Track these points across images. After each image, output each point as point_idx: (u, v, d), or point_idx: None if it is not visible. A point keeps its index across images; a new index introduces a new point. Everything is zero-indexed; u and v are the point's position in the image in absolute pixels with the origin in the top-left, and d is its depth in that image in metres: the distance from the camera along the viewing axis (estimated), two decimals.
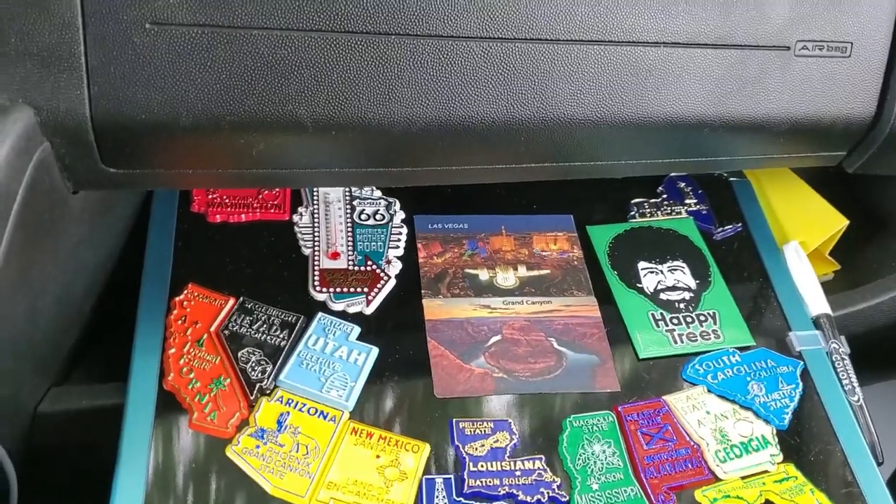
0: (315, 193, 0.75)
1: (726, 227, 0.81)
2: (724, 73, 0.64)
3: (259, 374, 0.63)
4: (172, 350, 0.63)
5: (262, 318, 0.66)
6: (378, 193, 0.76)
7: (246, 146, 0.58)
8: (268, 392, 0.62)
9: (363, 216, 0.74)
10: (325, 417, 0.62)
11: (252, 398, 0.62)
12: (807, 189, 0.87)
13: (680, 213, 0.81)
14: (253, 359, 0.64)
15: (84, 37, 0.51)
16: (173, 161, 0.58)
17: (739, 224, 0.81)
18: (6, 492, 0.55)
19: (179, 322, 0.65)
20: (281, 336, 0.65)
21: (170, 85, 0.53)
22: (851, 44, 0.67)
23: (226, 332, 0.65)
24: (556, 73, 0.60)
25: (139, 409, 0.60)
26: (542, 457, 0.62)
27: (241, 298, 0.67)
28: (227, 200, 0.72)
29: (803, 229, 0.83)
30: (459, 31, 0.57)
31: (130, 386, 0.61)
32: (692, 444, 0.65)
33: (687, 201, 0.82)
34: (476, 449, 0.62)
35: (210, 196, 0.72)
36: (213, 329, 0.65)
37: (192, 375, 0.62)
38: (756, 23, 0.63)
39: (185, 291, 0.66)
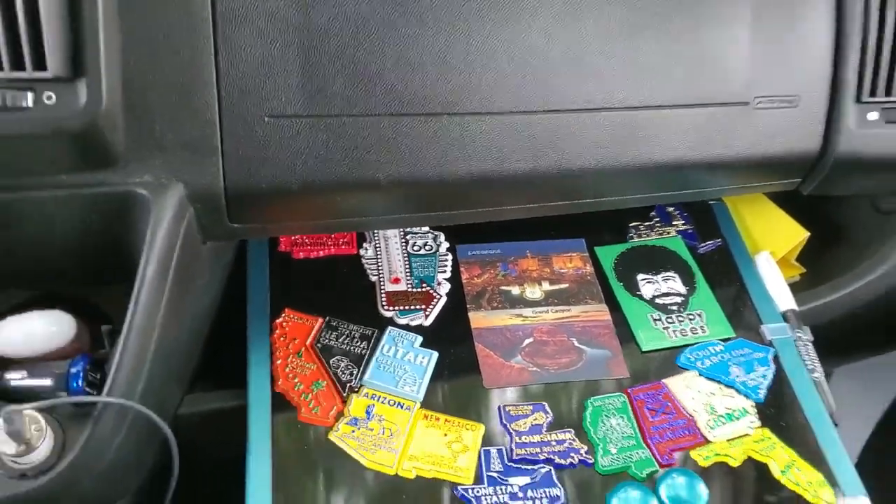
0: (376, 231, 0.91)
1: (708, 243, 0.96)
2: (699, 125, 0.81)
3: (348, 377, 0.80)
4: (279, 361, 0.79)
5: (346, 333, 0.83)
6: (426, 228, 0.92)
7: (335, 202, 0.75)
8: (356, 390, 0.79)
9: (415, 247, 0.90)
10: (401, 407, 0.78)
11: (344, 395, 0.78)
12: (773, 207, 1.02)
13: (670, 232, 0.96)
14: (342, 365, 0.80)
15: (220, 130, 0.69)
16: (282, 216, 0.75)
17: (719, 239, 0.96)
18: (168, 467, 0.72)
19: (281, 339, 0.81)
20: (362, 346, 0.82)
21: (282, 161, 0.70)
22: (798, 96, 0.84)
23: (318, 345, 0.81)
24: (568, 134, 0.77)
25: (259, 408, 0.76)
26: (572, 430, 0.79)
27: (327, 318, 0.83)
28: (306, 240, 0.89)
29: (771, 241, 0.98)
30: (494, 108, 0.75)
31: (250, 390, 0.77)
32: (687, 415, 0.81)
33: (675, 223, 0.97)
34: (520, 426, 0.78)
35: (293, 238, 0.88)
36: (308, 343, 0.81)
37: (296, 380, 0.78)
38: (721, 86, 0.80)
39: (283, 315, 0.83)
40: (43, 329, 0.69)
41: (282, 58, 0.69)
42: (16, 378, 0.67)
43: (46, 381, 0.66)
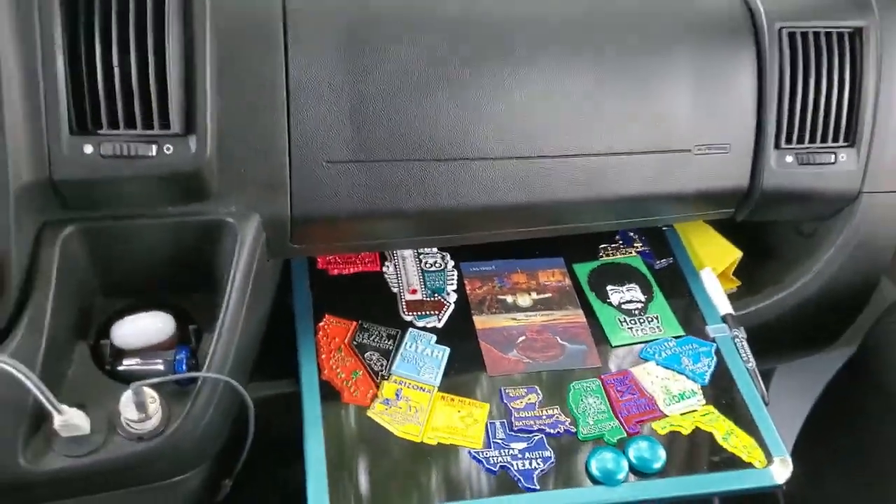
0: (395, 253, 1.08)
1: (662, 261, 1.11)
2: (652, 167, 0.99)
3: (379, 367, 0.95)
4: (323, 356, 0.94)
5: (376, 333, 0.98)
6: (436, 249, 1.07)
7: (373, 228, 0.94)
8: (386, 378, 0.93)
9: (427, 265, 1.07)
10: (423, 391, 0.94)
11: (377, 382, 0.93)
12: (714, 232, 1.16)
13: (631, 252, 1.11)
14: (374, 358, 0.96)
15: (290, 172, 0.88)
16: (331, 239, 0.94)
17: (671, 258, 1.11)
18: (242, 436, 0.89)
19: (324, 339, 0.96)
20: (389, 343, 0.97)
21: (335, 196, 0.89)
22: (730, 144, 1.03)
23: (354, 343, 0.97)
24: (552, 174, 0.96)
25: (310, 393, 0.91)
26: (558, 407, 0.93)
27: (360, 322, 0.98)
28: (339, 260, 1.06)
29: (713, 259, 1.12)
30: (495, 155, 0.93)
31: (302, 379, 0.92)
32: (648, 395, 0.96)
33: (635, 244, 1.12)
34: (517, 404, 0.94)
35: (328, 258, 1.05)
36: (346, 342, 0.97)
37: (338, 370, 0.93)
38: (668, 137, 0.99)
39: (324, 319, 0.97)
40: (151, 326, 0.87)
41: (337, 117, 0.88)
42: (133, 364, 0.85)
43: (158, 366, 0.85)
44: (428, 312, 1.02)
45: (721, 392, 0.98)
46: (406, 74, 0.89)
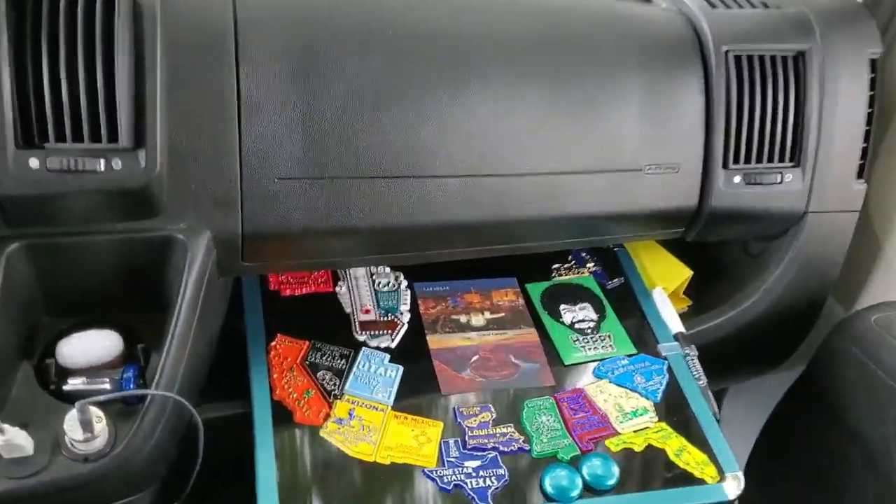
0: (347, 272, 1.08)
1: (614, 280, 1.13)
2: (603, 186, 1.01)
3: (332, 387, 0.95)
4: (275, 375, 0.94)
5: (328, 353, 0.98)
6: (389, 269, 1.08)
7: (325, 245, 0.93)
8: (339, 397, 0.94)
9: (380, 284, 1.07)
10: (376, 409, 0.94)
11: (330, 401, 0.93)
12: (664, 252, 1.19)
13: (584, 272, 1.13)
14: (327, 377, 0.96)
15: (241, 188, 0.87)
16: (283, 256, 0.93)
17: (622, 278, 1.13)
18: (190, 457, 0.87)
19: (276, 358, 0.96)
20: (341, 363, 0.97)
21: (286, 213, 0.88)
22: (679, 164, 1.05)
23: (307, 363, 0.97)
24: (504, 193, 0.97)
25: (262, 413, 0.90)
26: (511, 424, 0.94)
27: (312, 341, 0.98)
28: (291, 280, 1.05)
29: (664, 279, 1.14)
30: (448, 173, 0.94)
31: (254, 399, 0.91)
32: (601, 413, 0.97)
33: (588, 265, 1.14)
34: (471, 423, 0.94)
35: (279, 277, 1.05)
36: (298, 361, 0.97)
37: (290, 390, 0.93)
38: (619, 157, 1.01)
39: (276, 339, 0.97)
40: (98, 344, 0.85)
41: (289, 134, 0.87)
42: (78, 383, 0.83)
43: (105, 385, 0.83)
44: (381, 332, 1.02)
45: (673, 409, 1.00)
46: (358, 91, 0.89)
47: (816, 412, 1.12)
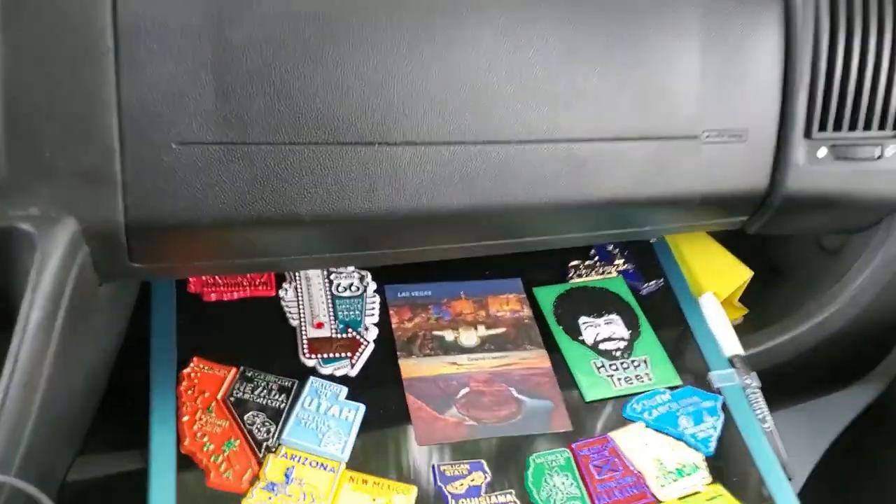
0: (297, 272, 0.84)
1: (650, 283, 0.92)
2: (645, 160, 0.76)
3: (265, 434, 0.72)
4: (186, 418, 0.71)
5: (262, 385, 0.75)
6: (351, 268, 0.85)
7: (254, 240, 0.68)
8: (273, 450, 0.71)
9: (340, 288, 0.84)
10: (325, 469, 0.71)
11: (260, 456, 0.70)
12: (716, 246, 0.99)
13: (611, 272, 0.92)
14: (258, 421, 0.72)
15: (121, 158, 0.61)
16: (191, 255, 0.68)
17: (661, 279, 0.92)
18: None
19: (189, 392, 0.73)
20: (280, 399, 0.74)
21: (192, 193, 0.63)
22: (747, 130, 0.80)
23: (231, 398, 0.73)
24: (508, 168, 0.71)
25: (162, 472, 0.68)
26: (513, 490, 0.72)
27: (242, 368, 0.75)
28: (219, 281, 0.81)
29: (715, 281, 0.94)
30: (428, 138, 0.68)
31: (152, 452, 0.69)
32: (636, 472, 0.76)
33: (616, 262, 0.93)
34: (456, 488, 0.72)
35: (204, 277, 0.80)
36: (220, 397, 0.73)
37: (205, 439, 0.70)
38: (669, 119, 0.76)
39: (192, 364, 0.74)
40: None
41: (193, 78, 0.61)
42: None
43: None
44: (338, 355, 0.79)
45: (731, 465, 0.79)
46: (299, 16, 0.64)
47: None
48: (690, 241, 0.99)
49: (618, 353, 0.85)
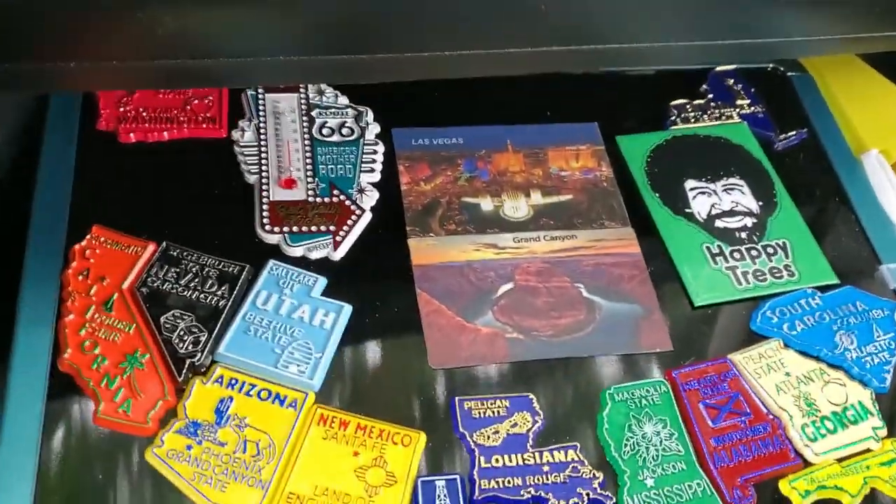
0: (261, 101, 0.66)
1: (789, 134, 0.76)
2: None
3: (190, 347, 0.54)
4: (70, 316, 0.54)
5: (193, 270, 0.57)
6: (344, 100, 0.68)
7: (147, 23, 0.46)
8: (202, 370, 0.54)
9: (325, 130, 0.66)
10: (282, 403, 0.53)
11: (181, 379, 0.53)
12: (884, 82, 0.83)
13: (731, 116, 0.76)
14: (181, 325, 0.55)
15: None
16: (50, 49, 0.46)
17: (804, 129, 0.76)
18: None
19: (80, 277, 0.55)
20: (219, 293, 0.56)
21: None
22: None
23: (144, 289, 0.56)
24: None
25: (24, 398, 0.51)
26: (577, 444, 0.55)
27: (165, 244, 0.58)
28: (144, 114, 0.63)
29: (884, 133, 0.79)
30: None
31: (12, 368, 0.52)
32: (771, 417, 0.58)
33: (738, 102, 0.78)
34: (488, 438, 0.54)
35: (122, 109, 0.63)
36: (125, 286, 0.55)
37: (97, 351, 0.53)
38: None
39: (88, 236, 0.58)
40: None
41: None
42: None
43: None
44: (315, 228, 0.62)
45: None
46: None
47: None
48: (845, 72, 0.84)
49: (743, 235, 0.69)
